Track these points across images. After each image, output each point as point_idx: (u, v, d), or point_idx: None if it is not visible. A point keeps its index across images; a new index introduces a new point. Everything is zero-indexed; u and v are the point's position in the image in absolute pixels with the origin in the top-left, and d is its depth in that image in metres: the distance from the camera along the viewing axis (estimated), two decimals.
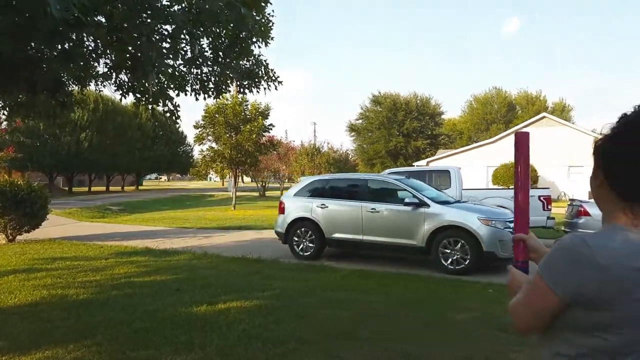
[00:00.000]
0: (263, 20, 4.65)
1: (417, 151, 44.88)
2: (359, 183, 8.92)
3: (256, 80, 5.07)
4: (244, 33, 4.35)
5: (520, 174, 1.55)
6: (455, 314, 5.17)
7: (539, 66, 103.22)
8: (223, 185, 53.31)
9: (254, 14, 4.20)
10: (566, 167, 29.58)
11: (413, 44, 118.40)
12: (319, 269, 7.70)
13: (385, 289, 6.31)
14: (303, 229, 8.85)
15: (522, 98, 62.66)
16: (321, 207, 8.71)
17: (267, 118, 22.74)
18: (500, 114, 61.84)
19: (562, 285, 1.15)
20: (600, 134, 1.24)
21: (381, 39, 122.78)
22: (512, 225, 7.34)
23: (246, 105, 22.25)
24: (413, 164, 39.49)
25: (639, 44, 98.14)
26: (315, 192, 9.02)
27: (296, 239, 8.93)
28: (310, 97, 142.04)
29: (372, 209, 8.24)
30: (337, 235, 8.54)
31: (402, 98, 46.03)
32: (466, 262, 7.39)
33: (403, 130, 44.60)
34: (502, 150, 32.37)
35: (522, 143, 1.58)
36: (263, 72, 5.09)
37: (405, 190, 8.36)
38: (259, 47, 4.82)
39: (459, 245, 7.45)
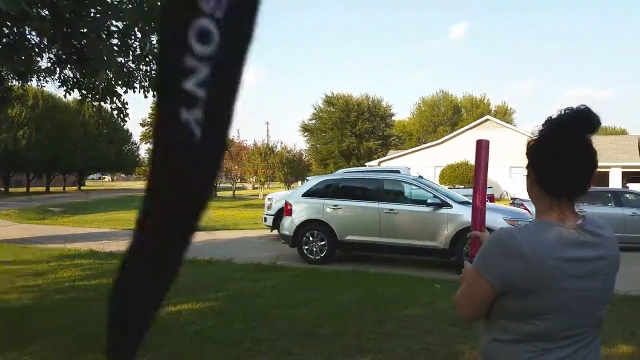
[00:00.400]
0: None
1: (369, 152, 45.68)
2: (373, 183, 8.52)
3: None
4: None
5: (480, 178, 1.67)
6: (414, 310, 5.36)
7: (483, 71, 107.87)
8: None
9: None
10: (508, 167, 31.09)
11: (365, 46, 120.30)
12: (274, 269, 7.69)
13: (346, 288, 6.41)
14: (314, 232, 8.41)
15: (467, 101, 65.27)
16: (333, 208, 8.31)
17: None
18: (446, 117, 64.12)
19: (493, 275, 1.25)
20: (531, 135, 1.36)
21: (334, 39, 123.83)
22: None
23: None
24: (365, 164, 40.19)
25: (577, 49, 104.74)
26: (326, 192, 8.59)
27: (305, 241, 8.47)
28: (264, 97, 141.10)
29: (390, 209, 7.93)
30: (351, 237, 8.16)
31: (355, 99, 46.74)
32: None
33: (355, 130, 45.26)
34: (448, 151, 33.62)
35: (483, 149, 1.70)
36: None
37: (424, 189, 8.14)
38: None
39: None
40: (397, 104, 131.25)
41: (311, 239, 8.41)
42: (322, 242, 8.32)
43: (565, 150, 1.25)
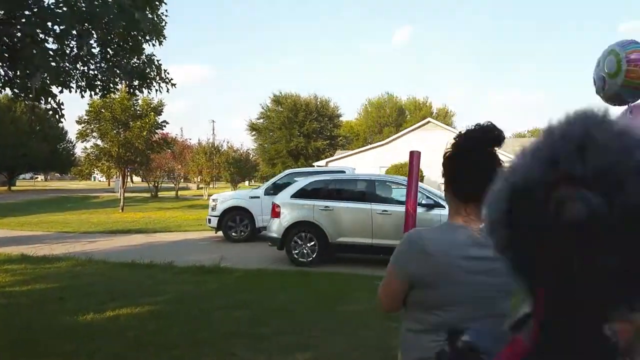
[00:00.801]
0: (156, 19, 4.55)
1: (317, 151, 45.96)
2: (365, 183, 8.47)
3: (147, 80, 4.90)
4: (134, 32, 4.21)
5: (412, 185, 1.85)
6: (353, 306, 5.55)
7: (426, 74, 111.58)
8: (109, 185, 49.70)
9: (148, 13, 4.12)
10: None
11: (313, 47, 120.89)
12: (217, 271, 7.65)
13: (289, 288, 6.51)
14: (303, 234, 8.25)
15: (411, 103, 67.40)
16: (324, 210, 8.17)
17: (160, 114, 21.72)
18: (392, 118, 65.85)
19: (403, 270, 1.44)
20: (447, 147, 1.54)
21: (281, 38, 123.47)
22: None
23: (136, 100, 21.04)
24: (313, 164, 40.44)
25: (511, 55, 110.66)
26: (316, 193, 8.42)
27: (294, 244, 8.30)
28: (210, 95, 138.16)
29: (384, 210, 7.90)
30: (343, 239, 8.07)
31: (303, 99, 46.82)
32: None
33: (304, 130, 45.37)
34: (392, 152, 34.57)
35: (415, 159, 1.88)
36: (155, 73, 4.95)
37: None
38: (153, 45, 4.71)
39: None
40: (344, 105, 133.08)
41: (300, 241, 8.27)
42: (312, 244, 8.22)
43: (471, 161, 1.42)
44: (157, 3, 4.43)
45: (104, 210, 22.17)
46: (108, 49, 4.51)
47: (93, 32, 3.79)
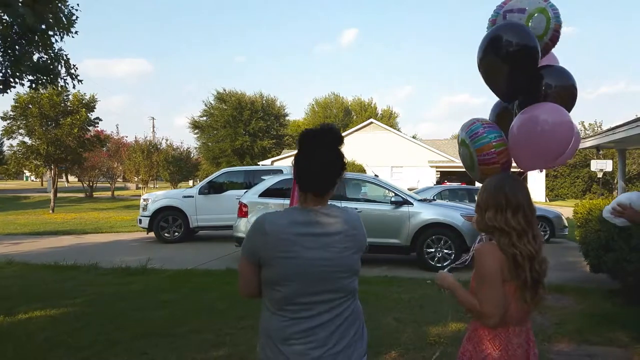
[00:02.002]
0: (66, 12, 4.38)
1: (264, 150, 45.65)
2: None
3: (51, 76, 4.68)
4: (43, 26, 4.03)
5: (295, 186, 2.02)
6: None
7: (371, 75, 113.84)
8: (43, 185, 46.89)
9: (56, 5, 3.96)
10: (389, 167, 33.34)
11: (259, 45, 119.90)
12: (143, 272, 7.47)
13: (215, 287, 6.45)
14: None
15: (357, 104, 68.53)
16: None
17: (92, 110, 20.76)
18: (338, 118, 66.57)
19: (248, 251, 1.58)
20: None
21: (228, 37, 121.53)
22: None
23: (67, 96, 20.02)
24: (258, 163, 40.16)
25: (456, 58, 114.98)
26: (284, 191, 8.16)
27: None
28: (152, 91, 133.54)
29: (354, 209, 7.90)
30: None
31: (248, 97, 46.30)
32: (452, 258, 7.54)
33: (249, 129, 44.87)
34: None
35: None
36: (62, 68, 4.75)
37: (385, 188, 8.20)
38: (61, 38, 4.51)
39: (442, 242, 7.66)
40: (292, 104, 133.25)
41: None
42: None
43: (307, 157, 1.58)
44: None
45: (33, 211, 20.97)
46: (7, 44, 4.27)
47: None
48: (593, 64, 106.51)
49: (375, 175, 8.95)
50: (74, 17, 4.56)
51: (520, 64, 2.22)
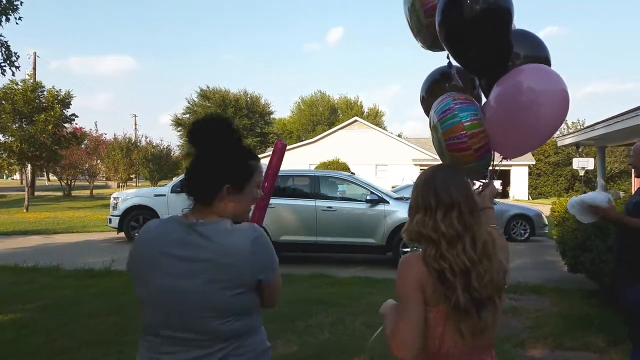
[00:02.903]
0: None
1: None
2: (308, 180, 8.06)
3: None
4: None
5: (268, 177, 1.63)
6: None
7: (357, 73, 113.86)
8: (22, 183, 45.87)
9: None
10: (374, 165, 33.23)
11: (245, 42, 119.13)
12: (106, 274, 7.12)
13: None
14: None
15: (343, 102, 68.38)
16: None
17: (68, 107, 20.17)
18: (324, 116, 66.43)
19: (127, 265, 1.32)
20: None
21: (214, 35, 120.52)
22: None
23: (42, 92, 19.42)
24: None
25: (442, 57, 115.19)
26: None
27: None
28: (131, 88, 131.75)
29: (328, 207, 7.60)
30: (286, 237, 7.65)
31: (232, 95, 45.82)
32: None
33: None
34: (321, 150, 34.89)
35: (278, 151, 1.70)
36: (3, 55, 4.40)
37: (359, 186, 7.90)
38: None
39: None
40: (278, 103, 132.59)
41: None
42: None
43: (191, 154, 1.28)
44: None
45: (7, 210, 20.32)
46: None
47: None
48: (579, 64, 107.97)
49: (352, 172, 8.66)
50: (17, 2, 4.20)
51: (492, 26, 1.77)
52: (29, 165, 21.32)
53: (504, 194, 33.64)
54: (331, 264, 8.01)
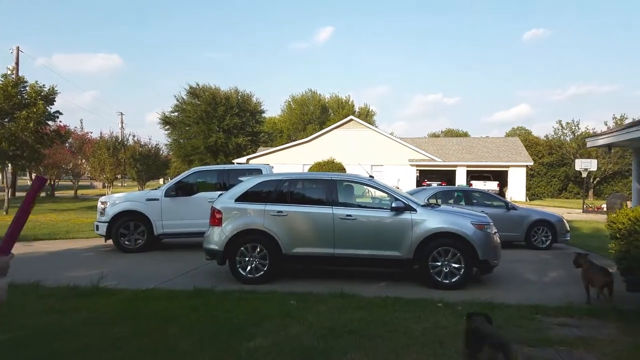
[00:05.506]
0: None
1: (239, 148, 44.10)
2: (324, 184, 7.15)
3: None
4: None
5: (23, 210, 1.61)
6: (260, 341, 4.43)
7: (348, 73, 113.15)
8: (2, 184, 44.20)
9: None
10: (369, 165, 32.41)
11: (236, 41, 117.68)
12: (94, 293, 6.13)
13: (181, 315, 5.21)
14: (250, 245, 6.86)
15: (334, 102, 67.58)
16: (277, 215, 6.85)
17: (52, 103, 18.99)
18: (315, 115, 65.61)
19: None
20: None
21: (204, 33, 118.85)
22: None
23: (24, 87, 18.22)
24: (234, 161, 38.65)
25: (430, 57, 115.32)
26: (266, 195, 7.08)
27: (240, 257, 6.87)
28: (123, 87, 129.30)
29: (347, 215, 6.71)
30: (299, 249, 6.83)
31: (222, 93, 44.58)
32: (461, 273, 6.55)
33: (223, 126, 43.21)
34: (316, 149, 33.99)
35: (36, 186, 1.65)
36: None
37: (383, 192, 7.07)
38: None
39: (450, 255, 6.57)
40: (268, 101, 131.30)
41: (247, 253, 6.87)
42: (263, 257, 6.87)
43: None
44: None
45: None
46: None
47: None
48: (564, 65, 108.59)
49: (371, 176, 7.74)
50: None
51: None
52: (10, 165, 20.08)
53: (501, 195, 33.13)
54: (350, 279, 7.15)
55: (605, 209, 20.95)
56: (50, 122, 19.88)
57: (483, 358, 2.79)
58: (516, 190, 34.28)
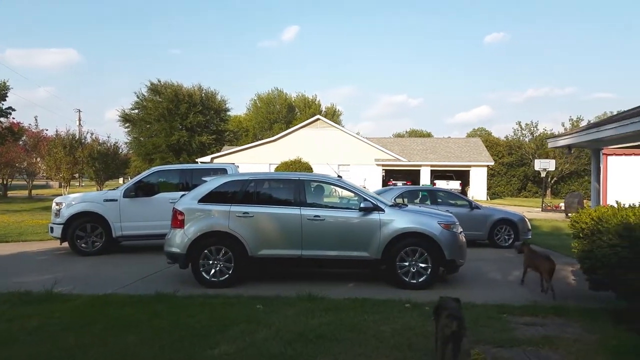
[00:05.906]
0: None
1: (202, 146, 43.19)
2: (292, 184, 6.99)
3: None
4: None
5: None
6: (225, 347, 4.24)
7: (314, 73, 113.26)
8: None
9: None
10: (336, 165, 32.47)
11: (199, 37, 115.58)
12: (47, 298, 5.77)
13: (142, 321, 4.95)
14: (214, 247, 6.63)
15: (301, 101, 67.46)
16: (243, 216, 6.65)
17: (4, 99, 18.02)
18: (282, 114, 65.27)
19: None
20: None
21: (167, 29, 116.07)
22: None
23: None
24: (197, 160, 37.84)
25: (396, 58, 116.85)
26: (231, 196, 6.85)
27: (203, 260, 6.63)
28: (80, 83, 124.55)
29: (316, 216, 6.58)
30: (265, 251, 6.65)
31: (185, 90, 43.50)
32: (428, 273, 6.58)
33: (186, 124, 42.21)
34: (282, 149, 33.76)
35: None
36: None
37: (351, 192, 6.95)
38: None
39: (417, 255, 6.59)
40: (234, 99, 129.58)
41: (211, 256, 6.64)
42: (228, 260, 6.65)
43: None
44: None
45: None
46: None
47: None
48: (522, 68, 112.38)
49: (339, 176, 7.64)
50: None
51: None
52: None
53: (464, 194, 33.89)
54: (318, 280, 7.04)
55: (563, 208, 21.72)
56: (2, 119, 18.85)
57: (442, 324, 3.48)
58: (478, 190, 35.15)
